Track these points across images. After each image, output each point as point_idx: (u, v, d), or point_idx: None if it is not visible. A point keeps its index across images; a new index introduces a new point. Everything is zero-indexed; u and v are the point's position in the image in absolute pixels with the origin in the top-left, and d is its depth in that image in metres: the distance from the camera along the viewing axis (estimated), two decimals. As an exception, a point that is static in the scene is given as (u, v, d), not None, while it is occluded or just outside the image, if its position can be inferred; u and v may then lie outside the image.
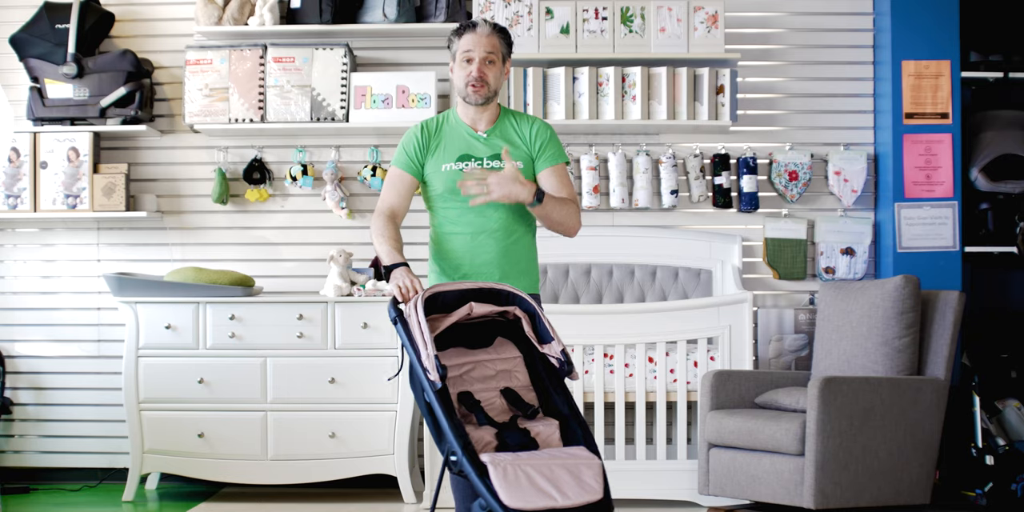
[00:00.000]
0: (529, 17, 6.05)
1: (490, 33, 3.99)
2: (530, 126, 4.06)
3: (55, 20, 6.05)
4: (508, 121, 4.07)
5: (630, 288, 6.14)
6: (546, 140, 4.04)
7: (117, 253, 6.31)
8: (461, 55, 3.99)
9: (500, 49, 4.01)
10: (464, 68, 3.99)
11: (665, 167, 6.13)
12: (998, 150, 5.98)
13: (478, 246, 3.98)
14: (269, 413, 5.70)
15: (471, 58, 3.97)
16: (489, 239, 3.98)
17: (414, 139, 4.05)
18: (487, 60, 3.97)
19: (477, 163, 3.98)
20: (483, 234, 3.98)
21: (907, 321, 5.27)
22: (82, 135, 6.08)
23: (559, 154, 4.06)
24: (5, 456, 6.28)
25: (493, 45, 3.99)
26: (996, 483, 5.43)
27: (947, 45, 5.95)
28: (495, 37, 4.00)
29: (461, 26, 4.03)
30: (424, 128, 4.07)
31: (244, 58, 6.07)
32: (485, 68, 3.97)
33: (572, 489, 3.27)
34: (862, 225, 6.17)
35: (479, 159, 3.99)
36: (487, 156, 4.00)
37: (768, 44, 6.29)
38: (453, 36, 4.03)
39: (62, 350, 6.30)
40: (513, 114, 4.11)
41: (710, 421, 5.37)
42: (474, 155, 4.00)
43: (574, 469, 3.32)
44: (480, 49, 3.97)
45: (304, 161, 6.25)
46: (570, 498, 3.23)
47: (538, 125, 4.07)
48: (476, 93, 3.98)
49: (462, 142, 4.03)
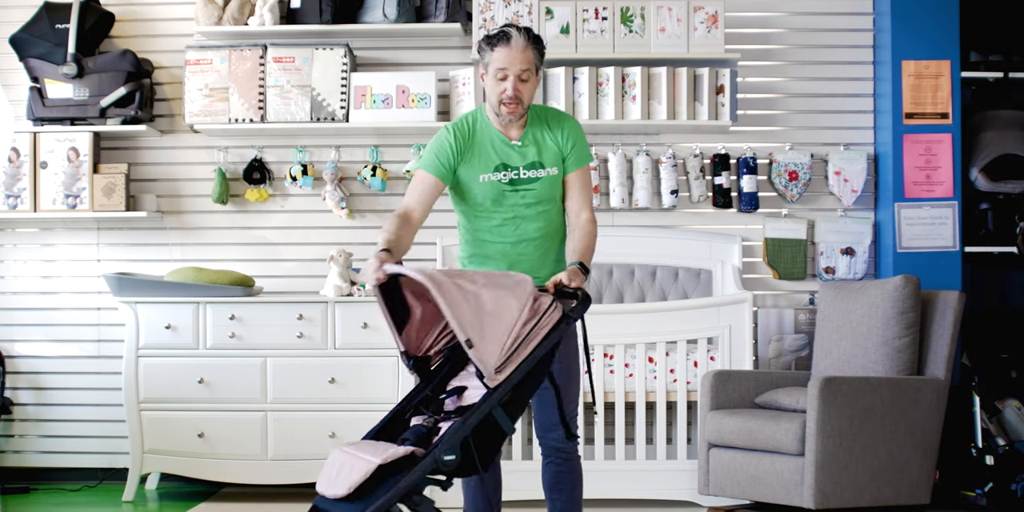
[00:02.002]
0: (529, 17, 6.05)
1: (525, 47, 3.84)
2: (561, 129, 3.98)
3: (55, 20, 6.05)
4: (540, 125, 3.98)
5: (630, 288, 6.14)
6: (575, 142, 3.98)
7: (117, 253, 6.31)
8: (495, 70, 3.85)
9: (535, 62, 3.87)
10: (498, 84, 3.86)
11: (665, 167, 6.13)
12: (998, 150, 5.98)
13: (519, 253, 3.98)
14: (269, 413, 5.70)
15: (506, 76, 3.84)
16: (529, 247, 3.97)
17: (448, 147, 3.93)
18: (521, 78, 3.85)
19: (514, 173, 3.93)
20: (523, 242, 3.97)
21: (907, 321, 5.27)
22: (82, 135, 6.08)
23: (586, 155, 4.00)
24: (5, 456, 6.28)
25: (528, 61, 3.85)
26: (996, 483, 5.43)
27: (947, 45, 5.95)
28: (531, 51, 3.85)
29: (495, 36, 3.86)
30: (457, 134, 3.95)
31: (244, 58, 6.07)
32: (520, 86, 3.85)
33: (335, 482, 3.35)
34: (862, 225, 6.17)
35: (515, 168, 3.93)
36: (523, 165, 3.94)
37: (768, 44, 6.29)
38: (485, 46, 3.88)
39: (62, 350, 6.30)
40: (544, 114, 4.01)
41: (710, 421, 5.37)
42: (511, 164, 3.93)
43: (352, 465, 3.35)
44: (516, 66, 3.83)
45: (304, 161, 6.25)
46: (326, 489, 3.36)
47: (568, 127, 3.99)
48: (511, 113, 3.87)
49: (497, 150, 3.94)
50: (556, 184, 3.97)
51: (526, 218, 3.94)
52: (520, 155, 3.94)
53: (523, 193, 3.93)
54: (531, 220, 3.95)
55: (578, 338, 3.95)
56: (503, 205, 3.93)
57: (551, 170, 3.95)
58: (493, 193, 3.93)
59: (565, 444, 3.97)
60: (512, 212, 3.94)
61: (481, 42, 3.91)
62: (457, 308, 3.37)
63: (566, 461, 3.99)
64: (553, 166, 3.96)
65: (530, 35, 3.87)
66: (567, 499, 4.01)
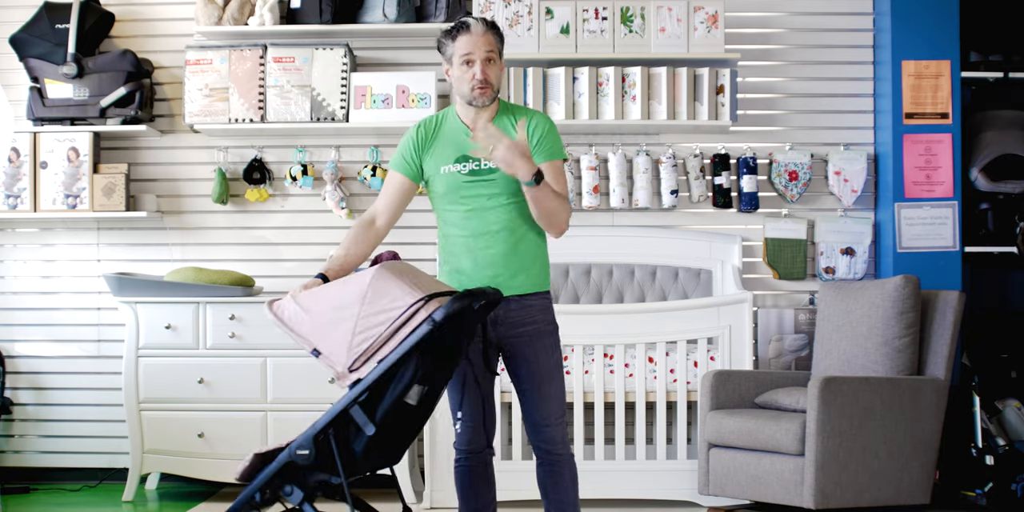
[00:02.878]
0: (529, 17, 6.05)
1: (485, 31, 3.90)
2: (528, 120, 3.96)
3: (55, 20, 6.05)
4: (507, 117, 3.98)
5: (630, 288, 6.14)
6: (544, 134, 3.95)
7: (117, 253, 6.31)
8: (460, 57, 3.89)
9: (497, 46, 3.93)
10: (465, 71, 3.89)
11: (665, 167, 6.13)
12: (998, 150, 5.98)
13: (480, 248, 3.93)
14: (269, 413, 5.70)
15: (471, 60, 3.88)
16: (492, 240, 3.92)
17: (410, 140, 3.99)
18: (488, 60, 3.89)
19: (475, 163, 3.93)
20: (485, 236, 3.92)
21: (907, 321, 5.27)
22: (82, 135, 6.08)
23: (556, 150, 3.96)
24: (5, 456, 6.28)
25: (490, 43, 3.90)
26: (996, 483, 5.43)
27: (947, 45, 5.95)
28: (491, 35, 3.91)
29: (454, 28, 3.93)
30: (421, 128, 4.00)
31: (244, 58, 6.07)
32: (487, 68, 3.88)
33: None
34: (862, 225, 6.17)
35: (476, 159, 3.93)
36: (485, 157, 3.93)
37: (768, 44, 6.29)
38: (445, 39, 3.94)
39: (62, 350, 6.30)
40: (512, 109, 4.03)
41: (710, 421, 5.37)
42: (472, 156, 3.93)
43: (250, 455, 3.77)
44: (480, 50, 3.87)
45: (304, 161, 6.25)
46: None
47: (537, 119, 3.98)
48: (483, 95, 3.90)
49: (460, 142, 3.94)
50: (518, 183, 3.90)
51: (486, 209, 3.91)
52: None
53: (484, 184, 3.90)
54: (490, 212, 3.92)
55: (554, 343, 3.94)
56: (464, 196, 3.92)
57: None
58: (453, 184, 3.92)
59: (552, 445, 3.95)
60: (473, 203, 3.92)
61: (440, 38, 3.96)
62: (298, 327, 3.66)
63: (556, 462, 3.97)
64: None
65: (486, 22, 3.93)
66: (559, 500, 3.99)
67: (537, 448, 3.99)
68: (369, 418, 3.54)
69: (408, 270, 3.71)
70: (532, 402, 3.95)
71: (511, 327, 3.92)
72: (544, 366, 3.94)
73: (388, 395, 3.56)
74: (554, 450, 3.95)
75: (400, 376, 3.55)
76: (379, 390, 3.56)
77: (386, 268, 3.62)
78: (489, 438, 4.03)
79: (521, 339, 3.93)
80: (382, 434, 3.58)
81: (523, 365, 3.94)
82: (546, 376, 3.94)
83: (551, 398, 3.95)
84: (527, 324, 3.92)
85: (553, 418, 3.94)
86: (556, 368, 3.97)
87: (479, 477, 4.03)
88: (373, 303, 3.57)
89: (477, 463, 4.02)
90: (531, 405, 3.95)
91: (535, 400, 3.94)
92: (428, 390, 3.68)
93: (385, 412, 3.56)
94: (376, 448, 3.64)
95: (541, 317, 3.95)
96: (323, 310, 3.64)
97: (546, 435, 3.94)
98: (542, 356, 3.94)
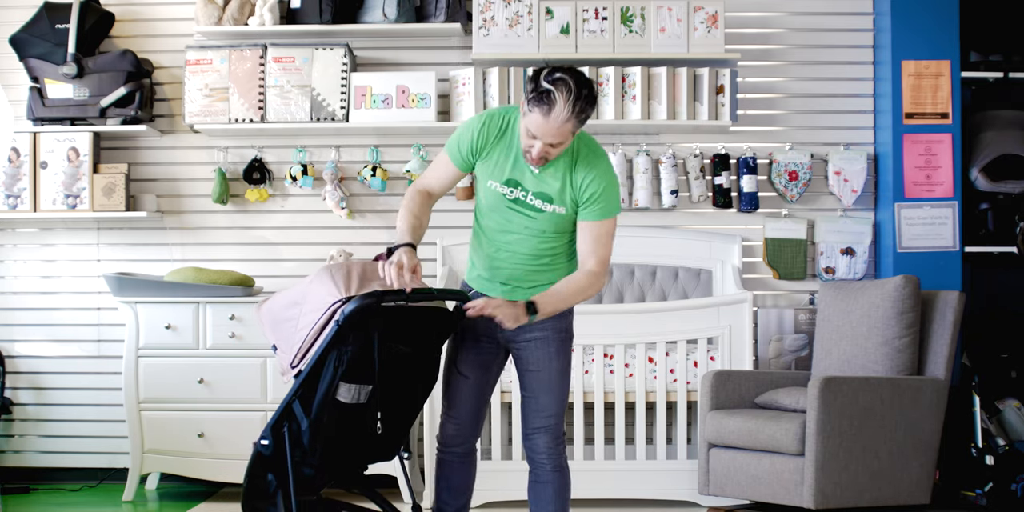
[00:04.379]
0: (529, 17, 6.05)
1: (566, 120, 3.51)
2: (585, 174, 3.69)
3: (55, 20, 6.05)
4: (568, 161, 3.70)
5: (630, 288, 6.14)
6: (597, 193, 3.69)
7: (117, 253, 6.31)
8: (526, 128, 3.58)
9: (572, 132, 3.58)
10: (527, 139, 3.60)
11: (665, 167, 6.13)
12: (998, 150, 5.98)
13: (500, 260, 3.85)
14: (269, 413, 5.70)
15: (535, 137, 3.58)
16: (520, 260, 3.81)
17: (472, 139, 3.76)
18: (552, 145, 3.59)
19: (523, 193, 3.74)
20: (516, 255, 3.82)
21: (907, 321, 5.27)
22: (82, 135, 6.08)
23: (607, 209, 3.71)
24: (5, 456, 6.28)
25: (565, 134, 3.56)
26: (996, 483, 5.43)
27: (947, 45, 5.95)
28: (571, 123, 3.53)
29: (541, 95, 3.50)
30: (485, 127, 3.75)
31: (244, 58, 6.07)
32: (549, 150, 3.60)
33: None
34: (862, 225, 6.17)
35: (525, 190, 3.73)
36: (533, 191, 3.73)
37: (768, 44, 6.29)
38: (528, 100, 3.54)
39: (62, 350, 6.30)
40: (578, 150, 3.71)
41: (710, 421, 5.37)
42: (522, 184, 3.74)
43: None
44: (548, 138, 3.56)
45: (304, 161, 6.25)
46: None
47: (593, 176, 3.69)
48: (536, 165, 3.67)
49: (515, 164, 3.73)
50: (561, 222, 3.76)
51: (523, 236, 3.79)
52: (535, 180, 3.73)
53: (523, 216, 3.77)
54: (526, 239, 3.79)
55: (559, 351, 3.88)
56: (502, 216, 3.80)
57: (559, 209, 3.74)
58: (497, 202, 3.80)
59: (536, 454, 3.90)
60: (512, 226, 3.80)
61: (527, 91, 3.56)
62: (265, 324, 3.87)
63: (539, 472, 3.91)
64: (561, 206, 3.74)
65: (576, 106, 3.50)
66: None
67: (528, 457, 3.95)
68: (305, 413, 3.68)
69: (358, 270, 3.75)
70: (525, 408, 3.92)
71: (519, 331, 3.84)
72: (544, 375, 3.86)
73: (318, 391, 3.67)
74: (538, 459, 3.90)
75: (324, 373, 3.65)
76: (311, 386, 3.68)
77: (329, 268, 3.73)
78: (473, 436, 4.00)
79: (529, 344, 3.86)
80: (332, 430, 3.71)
81: (524, 371, 3.90)
82: (544, 386, 3.87)
83: (544, 408, 3.87)
84: (535, 330, 3.83)
85: (542, 427, 3.87)
86: (559, 378, 3.87)
87: (452, 470, 4.02)
88: (309, 302, 3.71)
89: (453, 457, 4.02)
90: (524, 410, 3.92)
91: (527, 406, 3.91)
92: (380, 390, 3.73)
93: (319, 407, 3.67)
94: (331, 444, 3.74)
95: (551, 324, 3.84)
96: (280, 307, 3.82)
97: (531, 442, 3.90)
98: (543, 364, 3.86)
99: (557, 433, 3.89)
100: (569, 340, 3.92)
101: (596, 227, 3.73)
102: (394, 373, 3.75)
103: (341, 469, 3.94)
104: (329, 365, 3.64)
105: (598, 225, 3.73)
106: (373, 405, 3.74)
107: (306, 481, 3.79)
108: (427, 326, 3.79)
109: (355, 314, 3.56)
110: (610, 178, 3.73)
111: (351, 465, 3.98)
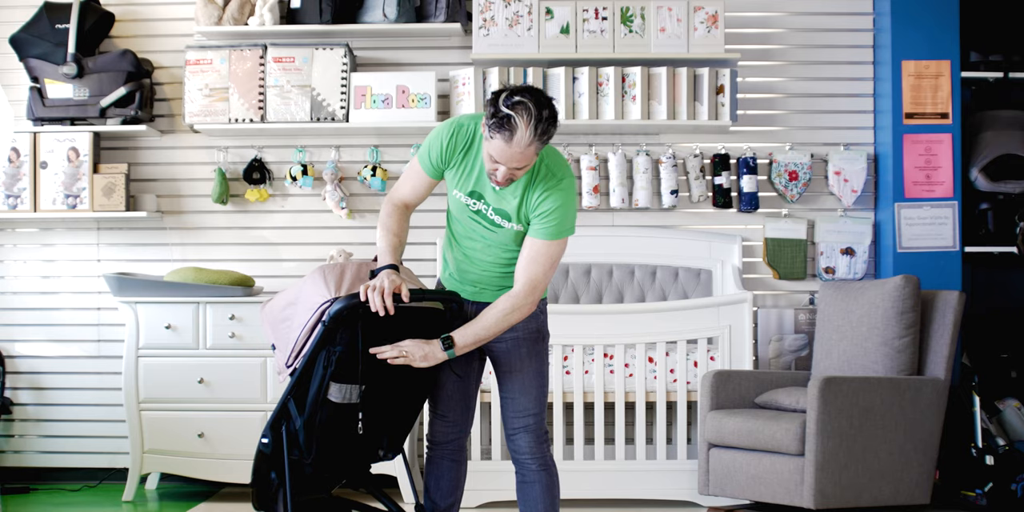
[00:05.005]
0: (529, 17, 6.05)
1: (528, 145, 3.47)
2: (541, 192, 3.65)
3: (55, 20, 6.05)
4: (530, 179, 3.66)
5: (630, 288, 6.14)
6: (547, 212, 3.64)
7: (117, 253, 6.31)
8: (488, 153, 3.56)
9: (535, 155, 3.54)
10: (490, 163, 3.58)
11: (665, 167, 6.13)
12: (998, 150, 5.98)
13: (469, 263, 3.86)
14: (269, 413, 5.69)
15: (498, 162, 3.55)
16: (486, 266, 3.83)
17: (440, 146, 3.73)
18: (515, 169, 3.56)
19: (484, 206, 3.74)
20: (480, 262, 3.83)
21: (907, 321, 5.27)
22: (82, 135, 6.08)
23: (555, 231, 3.64)
24: (5, 456, 6.28)
25: (527, 158, 3.52)
26: (996, 483, 5.43)
27: (947, 45, 5.95)
28: (534, 146, 3.49)
29: (501, 121, 3.47)
30: (454, 136, 3.71)
31: (244, 58, 6.07)
32: (513, 173, 3.57)
33: None
34: (862, 225, 6.17)
35: (487, 204, 3.72)
36: (494, 207, 3.72)
37: (768, 44, 6.29)
38: (488, 124, 3.51)
39: (62, 350, 6.30)
40: (540, 169, 3.67)
41: (710, 421, 5.37)
42: (484, 197, 3.73)
43: None
44: (512, 162, 3.52)
45: (304, 161, 6.25)
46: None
47: (548, 195, 3.65)
48: (500, 186, 3.64)
49: (479, 177, 3.72)
50: (521, 238, 3.74)
51: (487, 245, 3.79)
52: (496, 196, 3.71)
53: (485, 228, 3.77)
54: (490, 248, 3.80)
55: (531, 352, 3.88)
56: (466, 225, 3.81)
57: (516, 226, 3.73)
58: (459, 210, 3.82)
59: (519, 454, 3.90)
60: (473, 234, 3.81)
61: (486, 115, 3.52)
62: (266, 325, 3.91)
63: (524, 472, 3.91)
64: (518, 224, 3.72)
65: (537, 128, 3.47)
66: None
67: (512, 458, 3.95)
68: (299, 411, 3.72)
69: (352, 270, 3.77)
70: (504, 409, 3.92)
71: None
72: (519, 376, 3.87)
73: (310, 390, 3.70)
74: (521, 459, 3.90)
75: (315, 373, 3.68)
76: (304, 385, 3.71)
77: (323, 268, 3.76)
78: (464, 433, 4.01)
79: (501, 346, 3.86)
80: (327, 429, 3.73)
81: (500, 373, 3.91)
82: (520, 387, 3.87)
83: (523, 408, 3.87)
84: (506, 332, 3.81)
85: (522, 426, 3.87)
86: (535, 378, 3.88)
87: (442, 468, 4.03)
88: (302, 302, 3.75)
89: (444, 456, 4.02)
90: (503, 412, 3.93)
91: (506, 407, 3.91)
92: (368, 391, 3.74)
93: (312, 406, 3.69)
94: (327, 443, 3.76)
95: (522, 326, 3.84)
96: (278, 308, 3.88)
97: (514, 443, 3.91)
98: (518, 365, 3.86)
99: (539, 432, 3.89)
100: (543, 340, 3.92)
101: (537, 246, 3.67)
102: (387, 374, 3.76)
103: (341, 468, 3.95)
104: (319, 365, 3.67)
105: (540, 244, 3.66)
106: (362, 405, 3.75)
107: (311, 480, 3.81)
108: (418, 326, 3.79)
109: (339, 315, 3.60)
110: (566, 199, 3.65)
111: (350, 464, 3.98)
